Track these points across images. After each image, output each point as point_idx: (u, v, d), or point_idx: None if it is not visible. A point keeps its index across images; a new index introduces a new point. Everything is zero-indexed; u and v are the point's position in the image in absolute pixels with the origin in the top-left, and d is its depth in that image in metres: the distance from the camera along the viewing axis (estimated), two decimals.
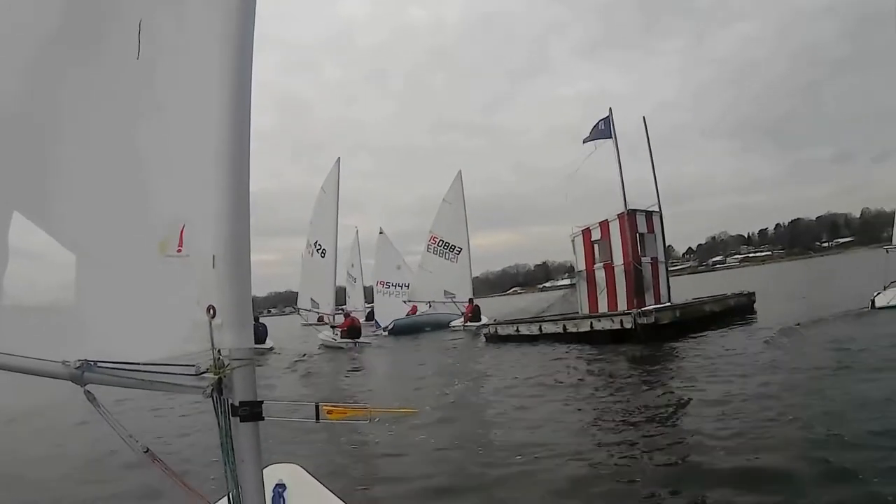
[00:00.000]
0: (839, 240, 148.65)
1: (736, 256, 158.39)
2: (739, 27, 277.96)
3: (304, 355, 25.31)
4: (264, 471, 1.96)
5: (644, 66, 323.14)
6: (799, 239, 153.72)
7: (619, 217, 22.01)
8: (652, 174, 22.87)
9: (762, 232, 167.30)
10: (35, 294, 2.08)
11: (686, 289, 32.93)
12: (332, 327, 29.59)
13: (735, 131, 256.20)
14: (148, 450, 2.11)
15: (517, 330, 22.67)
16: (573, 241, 23.20)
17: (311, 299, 31.80)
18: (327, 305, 31.24)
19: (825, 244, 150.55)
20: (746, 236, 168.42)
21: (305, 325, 38.54)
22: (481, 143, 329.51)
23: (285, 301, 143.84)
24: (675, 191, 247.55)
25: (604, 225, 22.45)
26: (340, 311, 33.23)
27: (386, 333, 32.53)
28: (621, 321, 18.70)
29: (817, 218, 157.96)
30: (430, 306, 36.88)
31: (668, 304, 21.81)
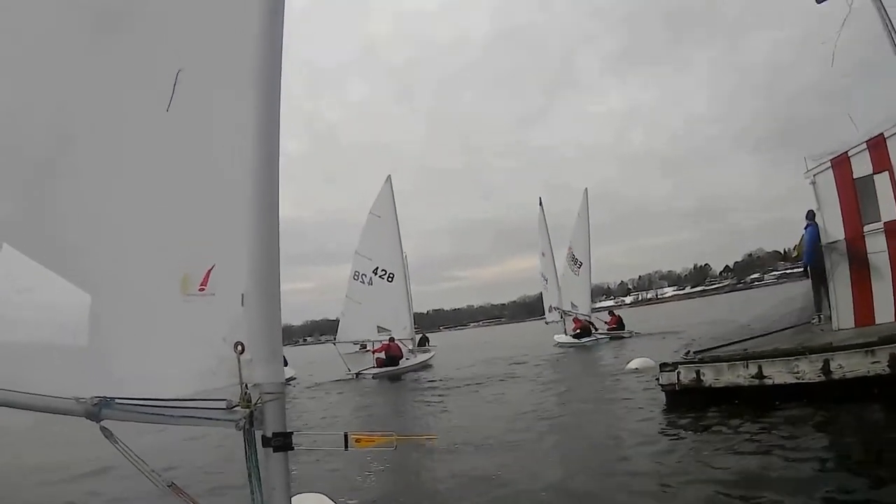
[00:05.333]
0: None
1: (773, 273, 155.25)
2: (766, 34, 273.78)
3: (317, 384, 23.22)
4: (291, 500, 2.02)
5: (674, 80, 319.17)
6: None
7: None
8: None
9: (798, 247, 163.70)
10: (52, 331, 2.09)
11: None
12: (374, 352, 26.99)
13: (765, 142, 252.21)
14: (172, 483, 2.15)
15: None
16: (815, 181, 11.01)
17: (379, 327, 27.64)
18: (403, 330, 28.04)
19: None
20: (783, 252, 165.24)
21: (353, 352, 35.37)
22: (511, 164, 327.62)
23: (321, 329, 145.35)
24: (710, 206, 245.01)
25: (880, 144, 9.94)
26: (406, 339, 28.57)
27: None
28: None
29: None
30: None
31: None
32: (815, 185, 11.01)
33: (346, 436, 2.12)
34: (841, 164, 10.57)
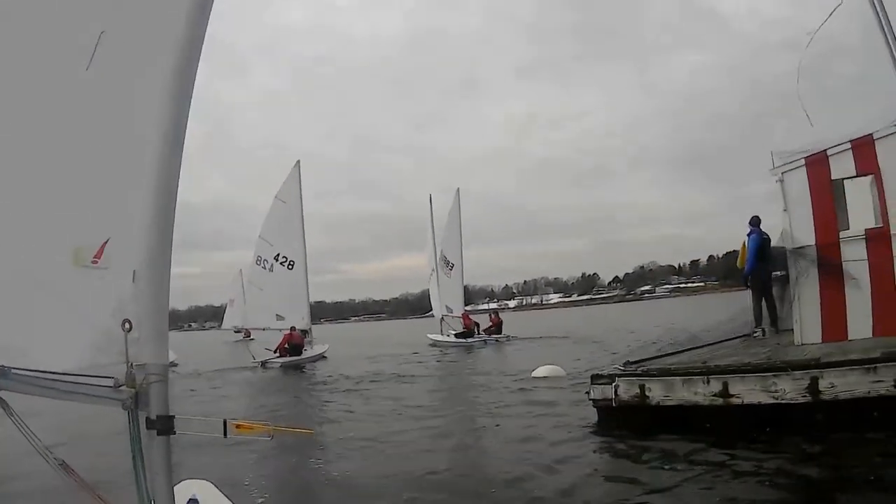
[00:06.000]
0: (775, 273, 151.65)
1: (666, 286, 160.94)
2: (688, 57, 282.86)
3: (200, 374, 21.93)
4: (177, 486, 2.05)
5: (579, 91, 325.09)
6: (733, 271, 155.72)
7: None
8: None
9: (694, 263, 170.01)
10: None
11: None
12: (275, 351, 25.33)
13: (672, 162, 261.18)
14: (63, 462, 2.09)
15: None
16: (782, 179, 9.98)
17: (277, 315, 27.01)
18: (301, 320, 27.28)
19: None
20: (678, 267, 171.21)
21: (238, 341, 35.65)
22: (406, 162, 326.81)
23: (205, 316, 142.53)
24: (605, 218, 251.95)
25: (867, 145, 9.20)
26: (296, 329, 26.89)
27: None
28: None
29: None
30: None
31: None
32: (783, 184, 9.86)
33: (225, 422, 2.13)
34: (817, 162, 9.53)
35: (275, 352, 24.90)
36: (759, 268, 11.34)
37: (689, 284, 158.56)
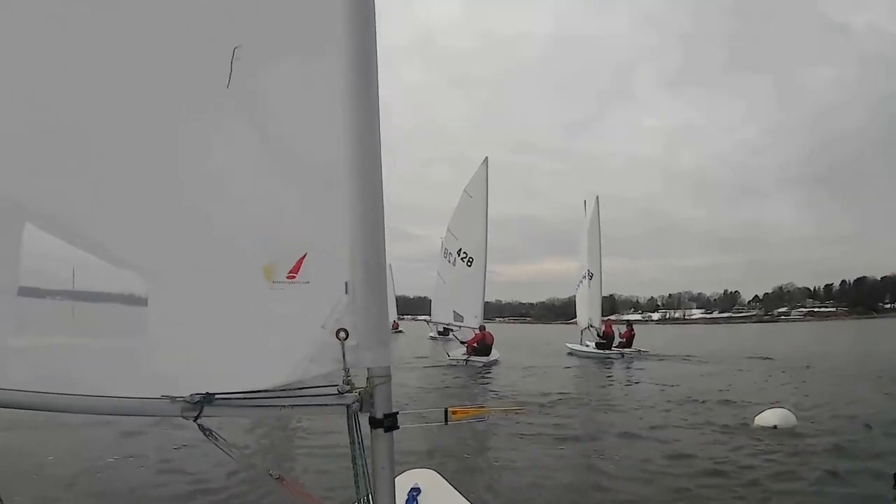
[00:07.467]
0: None
1: (801, 309, 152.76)
2: (822, 70, 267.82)
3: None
4: (399, 477, 2.06)
5: (725, 103, 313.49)
6: (862, 298, 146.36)
7: None
8: None
9: (827, 287, 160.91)
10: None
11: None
12: (462, 342, 25.10)
13: (809, 180, 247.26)
14: (280, 476, 2.10)
15: None
16: None
17: (455, 312, 26.30)
18: (474, 319, 25.90)
19: (888, 305, 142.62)
20: (812, 290, 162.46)
21: (433, 338, 34.94)
22: (560, 167, 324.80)
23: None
24: (749, 236, 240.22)
25: None
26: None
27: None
28: None
29: (882, 278, 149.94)
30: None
31: None
32: None
33: (446, 410, 2.16)
34: None
35: (466, 350, 23.89)
36: None
37: (823, 309, 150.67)
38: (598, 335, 28.88)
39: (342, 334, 1.89)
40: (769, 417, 9.50)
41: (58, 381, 1.82)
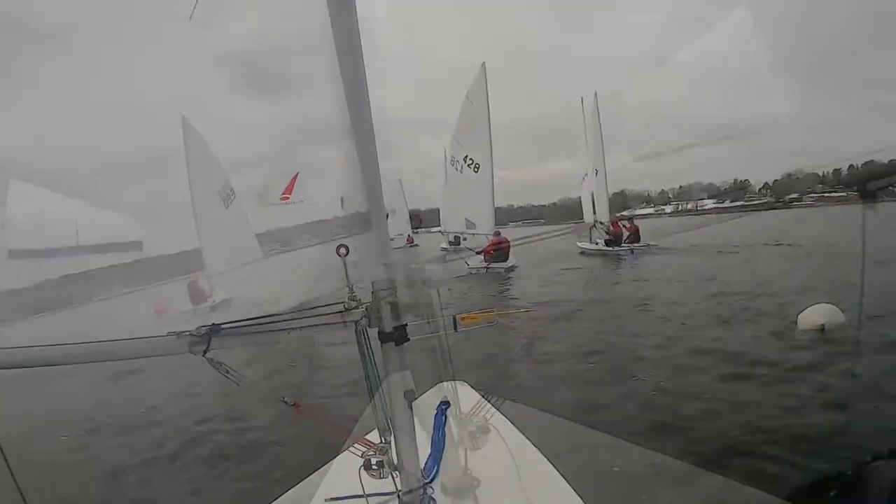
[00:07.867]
0: None
1: (812, 195, 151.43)
2: None
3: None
4: (428, 392, 2.17)
5: None
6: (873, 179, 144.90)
7: None
8: None
9: (836, 171, 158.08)
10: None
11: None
12: (478, 253, 23.20)
13: (805, 68, 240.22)
14: (295, 402, 2.07)
15: None
16: None
17: (467, 220, 25.88)
18: (486, 225, 25.41)
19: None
20: (821, 175, 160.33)
21: (444, 249, 32.39)
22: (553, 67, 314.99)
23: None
24: (747, 126, 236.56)
25: None
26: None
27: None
28: None
29: (889, 161, 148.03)
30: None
31: None
32: None
33: (454, 318, 2.13)
34: None
35: (483, 259, 22.53)
36: None
37: (834, 193, 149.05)
38: (607, 232, 28.12)
39: (342, 250, 1.89)
40: (813, 316, 8.43)
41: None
